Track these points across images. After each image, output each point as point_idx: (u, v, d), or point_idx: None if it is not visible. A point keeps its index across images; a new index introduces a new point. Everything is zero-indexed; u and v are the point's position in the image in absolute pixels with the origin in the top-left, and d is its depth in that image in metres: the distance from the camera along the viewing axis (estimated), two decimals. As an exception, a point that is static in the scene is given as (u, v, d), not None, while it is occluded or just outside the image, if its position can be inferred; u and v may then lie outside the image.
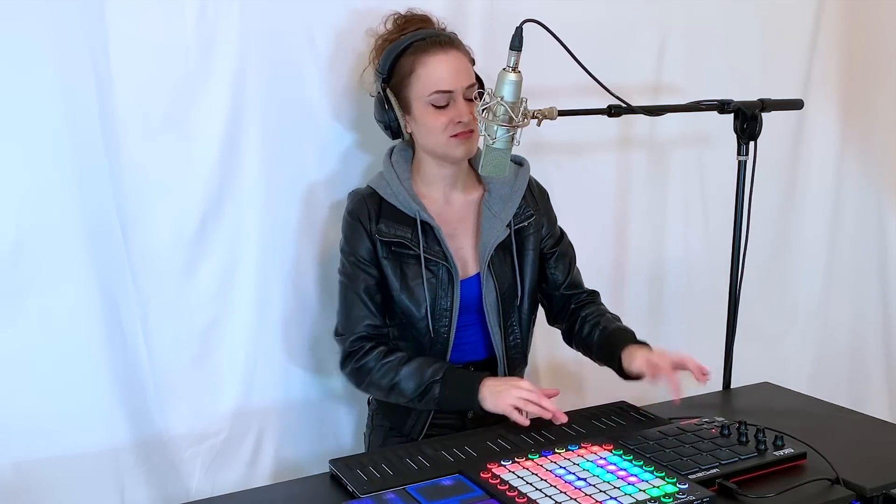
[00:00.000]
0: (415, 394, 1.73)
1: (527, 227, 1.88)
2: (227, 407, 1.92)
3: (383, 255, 1.79)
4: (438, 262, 1.79)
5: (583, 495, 1.35)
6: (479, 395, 1.69)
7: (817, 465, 1.49)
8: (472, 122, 1.75)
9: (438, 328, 1.80)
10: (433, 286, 1.79)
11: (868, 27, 2.74)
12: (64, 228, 1.70)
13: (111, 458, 1.80)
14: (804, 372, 2.79)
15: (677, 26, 2.40)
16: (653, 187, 2.48)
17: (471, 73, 1.78)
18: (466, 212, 1.87)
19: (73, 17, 1.65)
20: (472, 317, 1.85)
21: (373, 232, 1.78)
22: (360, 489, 1.42)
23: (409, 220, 1.79)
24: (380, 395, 1.79)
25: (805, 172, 2.73)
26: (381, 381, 1.75)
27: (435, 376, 1.71)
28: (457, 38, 1.81)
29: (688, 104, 1.99)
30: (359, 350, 1.78)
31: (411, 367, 1.73)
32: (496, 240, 1.83)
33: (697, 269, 2.55)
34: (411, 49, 1.75)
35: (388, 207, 1.80)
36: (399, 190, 1.80)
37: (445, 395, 1.71)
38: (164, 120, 1.77)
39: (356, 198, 1.82)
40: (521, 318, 1.88)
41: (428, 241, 1.79)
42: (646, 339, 1.82)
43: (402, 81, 1.77)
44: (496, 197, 1.86)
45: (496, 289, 1.83)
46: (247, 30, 1.83)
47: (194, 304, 1.86)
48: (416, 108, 1.77)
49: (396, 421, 1.87)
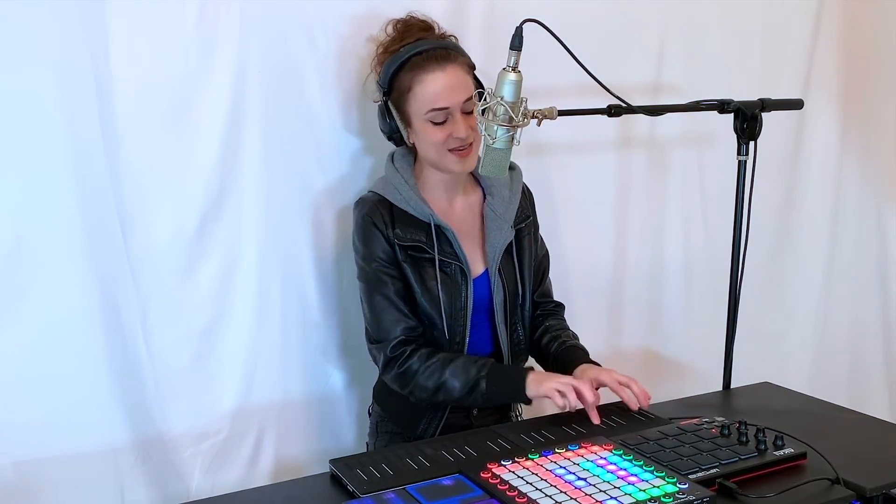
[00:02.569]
0: (463, 391, 1.75)
1: (524, 228, 1.92)
2: (226, 407, 1.92)
3: (402, 258, 1.80)
4: (452, 262, 1.82)
5: (583, 495, 1.35)
6: (524, 385, 1.73)
7: (817, 465, 1.49)
8: (472, 136, 1.77)
9: (455, 327, 1.82)
10: (448, 287, 1.81)
11: (868, 27, 2.74)
12: (64, 228, 1.69)
13: (111, 458, 1.80)
14: (804, 372, 2.79)
15: (677, 26, 2.40)
16: (653, 187, 2.48)
17: (469, 86, 1.79)
18: (468, 214, 1.90)
19: (73, 17, 1.65)
20: (481, 316, 1.87)
21: (391, 237, 1.80)
22: (360, 489, 1.42)
23: (422, 224, 1.81)
24: (425, 396, 1.79)
25: (805, 172, 2.73)
26: (426, 382, 1.77)
27: (481, 372, 1.75)
28: (455, 49, 1.81)
29: (688, 104, 1.99)
30: (401, 355, 1.79)
31: (456, 366, 1.76)
32: (505, 240, 1.87)
33: (697, 269, 2.55)
34: (409, 65, 1.77)
35: (399, 212, 1.82)
36: (410, 195, 1.82)
37: (493, 390, 1.75)
38: (164, 120, 1.77)
39: (368, 204, 1.83)
40: (524, 317, 1.92)
41: (441, 243, 1.81)
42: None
43: (402, 97, 1.79)
44: (498, 199, 1.89)
45: (504, 288, 1.86)
46: (247, 30, 1.82)
47: (194, 304, 1.86)
48: (416, 123, 1.79)
49: (408, 426, 1.89)
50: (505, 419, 1.95)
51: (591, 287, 2.39)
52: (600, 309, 2.43)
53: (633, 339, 2.50)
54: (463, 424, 1.86)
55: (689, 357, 2.55)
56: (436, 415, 1.86)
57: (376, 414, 1.97)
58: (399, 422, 1.92)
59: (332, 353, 2.05)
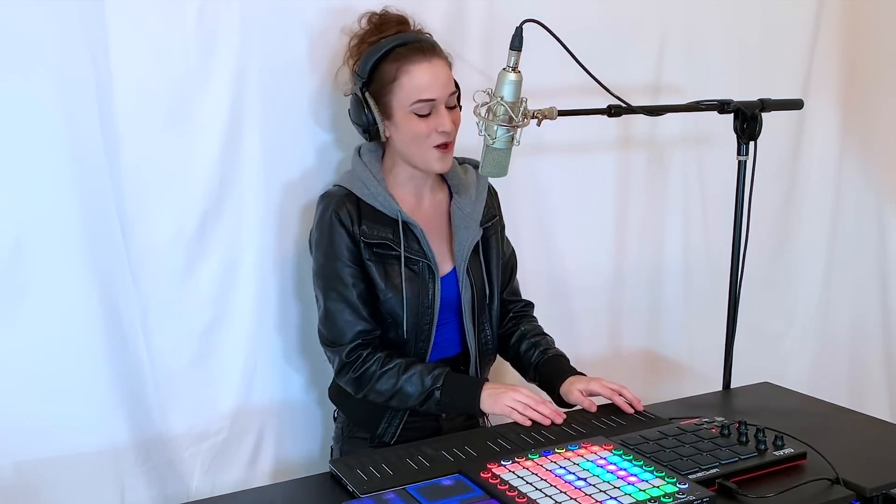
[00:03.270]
0: (417, 400, 1.74)
1: (491, 227, 1.91)
2: (226, 407, 1.92)
3: (367, 256, 1.77)
4: (419, 259, 1.80)
5: (583, 495, 1.35)
6: (479, 399, 1.73)
7: (817, 465, 1.49)
8: (453, 132, 1.76)
9: (421, 325, 1.80)
10: (415, 284, 1.79)
11: (868, 28, 2.74)
12: (64, 228, 1.69)
13: (111, 458, 1.79)
14: (804, 372, 2.79)
15: (677, 26, 2.40)
16: (653, 187, 2.48)
17: (451, 81, 1.78)
18: (436, 211, 1.88)
19: (73, 17, 1.65)
20: (449, 315, 1.86)
21: (356, 234, 1.76)
22: (360, 489, 1.42)
23: (389, 221, 1.79)
24: (379, 400, 1.78)
25: (805, 172, 2.73)
26: (382, 387, 1.75)
27: (436, 383, 1.73)
28: (436, 44, 1.79)
29: (688, 104, 1.99)
30: (357, 359, 1.77)
31: (412, 373, 1.74)
32: (473, 238, 1.85)
33: (697, 269, 2.55)
34: (393, 55, 1.73)
35: (366, 208, 1.78)
36: (378, 191, 1.78)
37: (446, 401, 1.74)
38: (164, 119, 1.77)
39: (333, 199, 1.78)
40: (492, 316, 1.90)
41: (408, 240, 1.79)
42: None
43: (384, 88, 1.75)
44: (465, 198, 1.87)
45: (472, 287, 1.85)
46: (247, 29, 1.82)
47: (194, 304, 1.86)
48: (398, 115, 1.75)
49: (368, 427, 1.86)
50: (473, 424, 1.92)
51: (591, 287, 2.39)
52: (600, 309, 2.43)
53: (633, 339, 2.50)
54: (430, 426, 1.85)
55: (689, 357, 2.56)
56: (396, 417, 1.83)
57: (342, 419, 1.94)
58: (358, 422, 1.89)
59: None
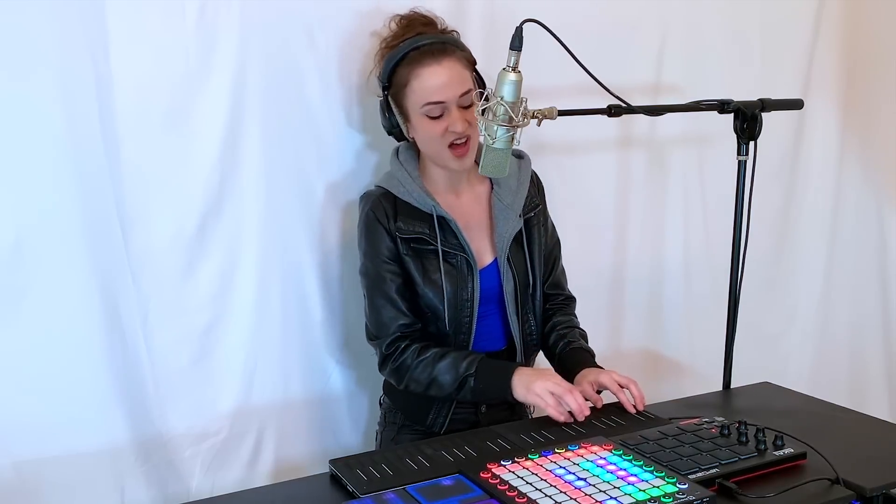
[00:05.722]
0: (452, 387, 1.76)
1: (533, 217, 1.92)
2: (226, 407, 1.92)
3: (404, 251, 1.81)
4: (457, 253, 1.82)
5: (583, 495, 1.35)
6: (511, 385, 1.73)
7: (817, 464, 1.49)
8: (469, 130, 1.77)
9: (461, 319, 1.83)
10: (453, 277, 1.82)
11: (868, 28, 2.74)
12: (64, 228, 1.69)
13: (111, 458, 1.80)
14: (804, 372, 2.79)
15: (677, 26, 2.40)
16: (653, 187, 2.48)
17: (466, 80, 1.78)
18: (476, 204, 1.90)
19: (73, 17, 1.65)
20: (490, 307, 1.88)
21: (392, 230, 1.81)
22: (360, 489, 1.42)
23: (425, 216, 1.82)
24: (420, 390, 1.80)
25: (805, 172, 2.73)
26: (419, 377, 1.78)
27: (469, 370, 1.75)
28: (453, 43, 1.81)
29: (688, 104, 1.99)
30: (395, 350, 1.81)
31: (446, 361, 1.77)
32: (513, 229, 1.87)
33: (697, 269, 2.55)
34: (406, 59, 1.77)
35: (402, 205, 1.83)
36: (413, 188, 1.83)
37: (480, 388, 1.76)
38: (164, 120, 1.77)
39: (371, 199, 1.84)
40: (535, 307, 1.92)
41: (445, 234, 1.82)
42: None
43: (400, 92, 1.80)
44: (505, 188, 1.89)
45: (514, 278, 1.86)
46: (247, 29, 1.82)
47: (194, 304, 1.86)
48: (414, 118, 1.80)
49: (416, 416, 1.89)
50: (515, 416, 1.95)
51: (591, 287, 2.38)
52: (600, 309, 2.43)
53: (633, 339, 2.50)
54: (472, 419, 1.88)
55: (689, 357, 2.56)
56: (444, 407, 1.86)
57: (386, 405, 1.98)
58: (408, 413, 1.92)
59: (332, 353, 2.05)
